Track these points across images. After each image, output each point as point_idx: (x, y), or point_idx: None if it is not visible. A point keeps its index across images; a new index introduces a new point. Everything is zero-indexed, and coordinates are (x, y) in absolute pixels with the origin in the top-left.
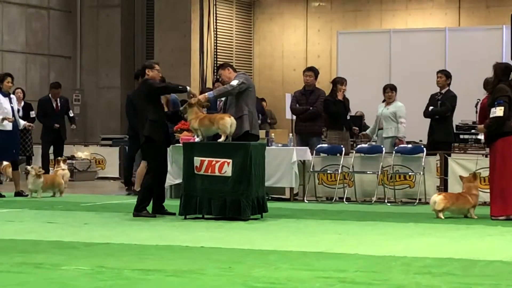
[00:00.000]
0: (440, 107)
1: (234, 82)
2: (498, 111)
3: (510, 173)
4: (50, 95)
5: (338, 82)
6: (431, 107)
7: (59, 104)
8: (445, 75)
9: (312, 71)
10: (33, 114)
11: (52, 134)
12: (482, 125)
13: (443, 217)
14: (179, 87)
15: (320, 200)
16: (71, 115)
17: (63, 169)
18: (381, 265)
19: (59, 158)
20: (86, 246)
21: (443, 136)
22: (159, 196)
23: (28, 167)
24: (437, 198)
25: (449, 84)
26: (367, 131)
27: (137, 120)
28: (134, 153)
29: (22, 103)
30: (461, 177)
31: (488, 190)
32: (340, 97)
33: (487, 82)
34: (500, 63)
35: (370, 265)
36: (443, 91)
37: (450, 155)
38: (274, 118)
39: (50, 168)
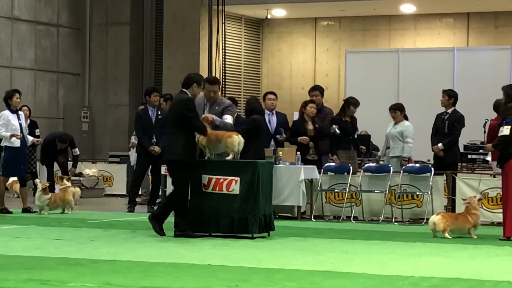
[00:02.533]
0: (449, 129)
1: (231, 120)
2: (505, 130)
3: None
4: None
5: (352, 104)
6: (442, 143)
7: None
8: (447, 95)
9: (318, 90)
10: (38, 132)
11: (57, 154)
12: (490, 144)
13: (449, 237)
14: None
15: (327, 219)
16: (76, 153)
17: (74, 187)
18: (388, 284)
19: (63, 176)
20: (93, 263)
21: (450, 158)
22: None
23: (37, 181)
24: (436, 219)
25: (453, 104)
26: (379, 153)
27: (146, 138)
28: (143, 172)
29: (28, 121)
30: (464, 200)
31: (496, 211)
32: (348, 117)
33: (497, 104)
34: (510, 84)
35: (378, 285)
36: (449, 111)
37: (456, 175)
38: None
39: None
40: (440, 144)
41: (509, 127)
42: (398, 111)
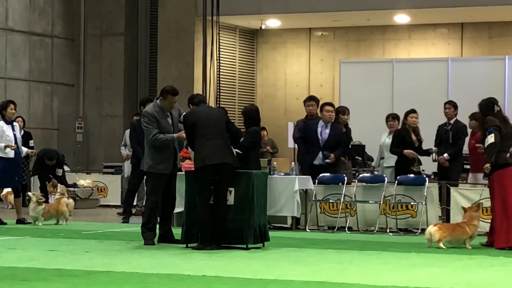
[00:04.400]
0: (453, 140)
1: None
2: (489, 139)
3: (510, 204)
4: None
5: (340, 112)
6: (448, 153)
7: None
8: (453, 106)
9: (314, 100)
10: (32, 143)
11: (48, 170)
12: (488, 164)
13: (444, 247)
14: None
15: (322, 229)
16: (59, 174)
17: (68, 198)
18: None
19: (61, 185)
20: (87, 274)
21: (456, 167)
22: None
23: (30, 193)
24: (432, 230)
25: (456, 115)
26: (373, 163)
27: (141, 148)
28: (138, 182)
29: (22, 132)
30: (463, 208)
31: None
32: (342, 126)
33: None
34: (483, 100)
35: None
36: (451, 122)
37: (458, 185)
38: (275, 147)
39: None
40: (445, 155)
41: (493, 135)
42: (396, 120)
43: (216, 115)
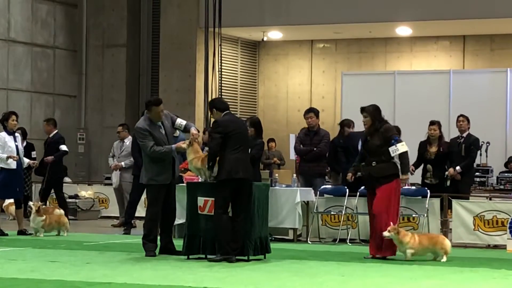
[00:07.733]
0: (466, 152)
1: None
2: (400, 147)
3: (393, 216)
4: None
5: (345, 125)
6: (460, 166)
7: (48, 140)
8: (466, 119)
9: (313, 112)
10: (34, 154)
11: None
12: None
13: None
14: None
15: (323, 241)
16: (63, 149)
17: (59, 209)
18: None
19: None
20: (88, 286)
21: (467, 180)
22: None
23: (30, 203)
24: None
25: (469, 128)
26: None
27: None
28: (139, 194)
29: (24, 143)
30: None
31: (492, 233)
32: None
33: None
34: (370, 106)
35: None
36: (464, 135)
37: (468, 198)
38: (283, 159)
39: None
40: (458, 167)
41: (403, 143)
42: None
43: (243, 127)
